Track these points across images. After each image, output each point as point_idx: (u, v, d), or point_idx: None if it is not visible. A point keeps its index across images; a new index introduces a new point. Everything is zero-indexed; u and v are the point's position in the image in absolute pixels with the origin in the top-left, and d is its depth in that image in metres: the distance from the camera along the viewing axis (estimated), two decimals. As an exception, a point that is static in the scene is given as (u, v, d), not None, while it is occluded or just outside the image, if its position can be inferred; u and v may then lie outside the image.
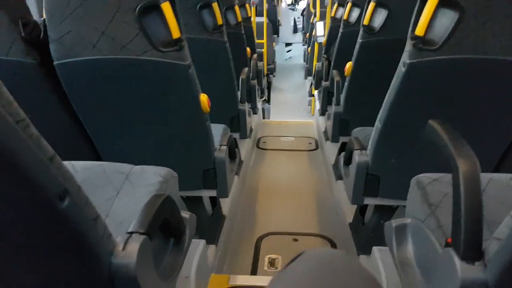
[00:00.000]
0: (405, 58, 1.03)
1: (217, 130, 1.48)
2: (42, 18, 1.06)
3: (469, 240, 0.62)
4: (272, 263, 1.58)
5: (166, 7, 0.98)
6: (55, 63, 1.07)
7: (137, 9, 0.98)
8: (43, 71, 1.10)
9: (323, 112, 2.71)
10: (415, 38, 0.98)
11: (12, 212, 0.41)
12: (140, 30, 1.00)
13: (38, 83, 1.12)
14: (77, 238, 0.50)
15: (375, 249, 1.22)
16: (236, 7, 2.25)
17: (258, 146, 2.82)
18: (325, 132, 2.56)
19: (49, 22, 1.02)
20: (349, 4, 2.11)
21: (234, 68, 1.93)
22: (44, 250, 0.47)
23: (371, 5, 1.59)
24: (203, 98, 1.16)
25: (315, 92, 3.44)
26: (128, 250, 0.60)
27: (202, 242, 1.19)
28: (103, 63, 1.05)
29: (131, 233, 0.64)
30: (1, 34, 1.02)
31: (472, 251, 0.62)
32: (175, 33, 1.01)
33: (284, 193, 2.17)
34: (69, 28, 1.02)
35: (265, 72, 3.64)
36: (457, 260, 0.63)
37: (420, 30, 0.97)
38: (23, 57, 1.05)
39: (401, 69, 1.04)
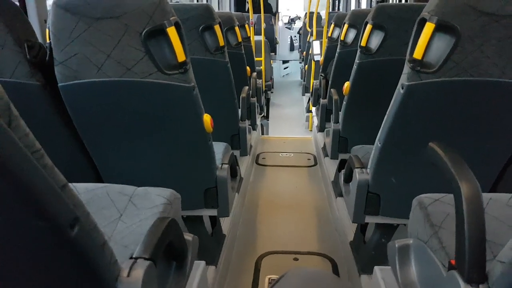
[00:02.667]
0: (403, 80, 1.05)
1: (219, 149, 1.49)
2: (48, 42, 1.08)
3: (473, 263, 0.63)
4: (272, 283, 1.56)
5: (172, 32, 1.00)
6: (59, 85, 1.07)
7: (143, 33, 0.99)
8: (47, 93, 1.11)
9: (321, 128, 2.73)
10: (413, 61, 1.01)
11: (23, 242, 0.41)
12: (146, 53, 1.01)
13: (42, 104, 1.13)
14: (85, 264, 0.50)
15: (377, 269, 1.22)
16: (236, 28, 2.30)
17: (257, 162, 2.83)
18: (324, 148, 2.57)
19: (55, 45, 1.04)
20: (345, 25, 2.16)
21: (234, 87, 1.96)
22: (50, 277, 0.47)
23: (368, 27, 1.63)
24: (206, 118, 1.17)
25: (313, 109, 3.48)
26: (133, 277, 0.60)
27: (202, 263, 1.18)
28: (108, 85, 1.06)
29: (135, 258, 0.64)
30: (6, 56, 1.04)
31: (476, 273, 0.63)
32: (181, 57, 1.03)
33: (284, 210, 2.16)
34: (75, 51, 1.03)
35: (263, 88, 3.68)
36: (461, 283, 0.64)
37: (418, 54, 0.99)
38: (27, 79, 1.06)
39: (399, 90, 1.06)
